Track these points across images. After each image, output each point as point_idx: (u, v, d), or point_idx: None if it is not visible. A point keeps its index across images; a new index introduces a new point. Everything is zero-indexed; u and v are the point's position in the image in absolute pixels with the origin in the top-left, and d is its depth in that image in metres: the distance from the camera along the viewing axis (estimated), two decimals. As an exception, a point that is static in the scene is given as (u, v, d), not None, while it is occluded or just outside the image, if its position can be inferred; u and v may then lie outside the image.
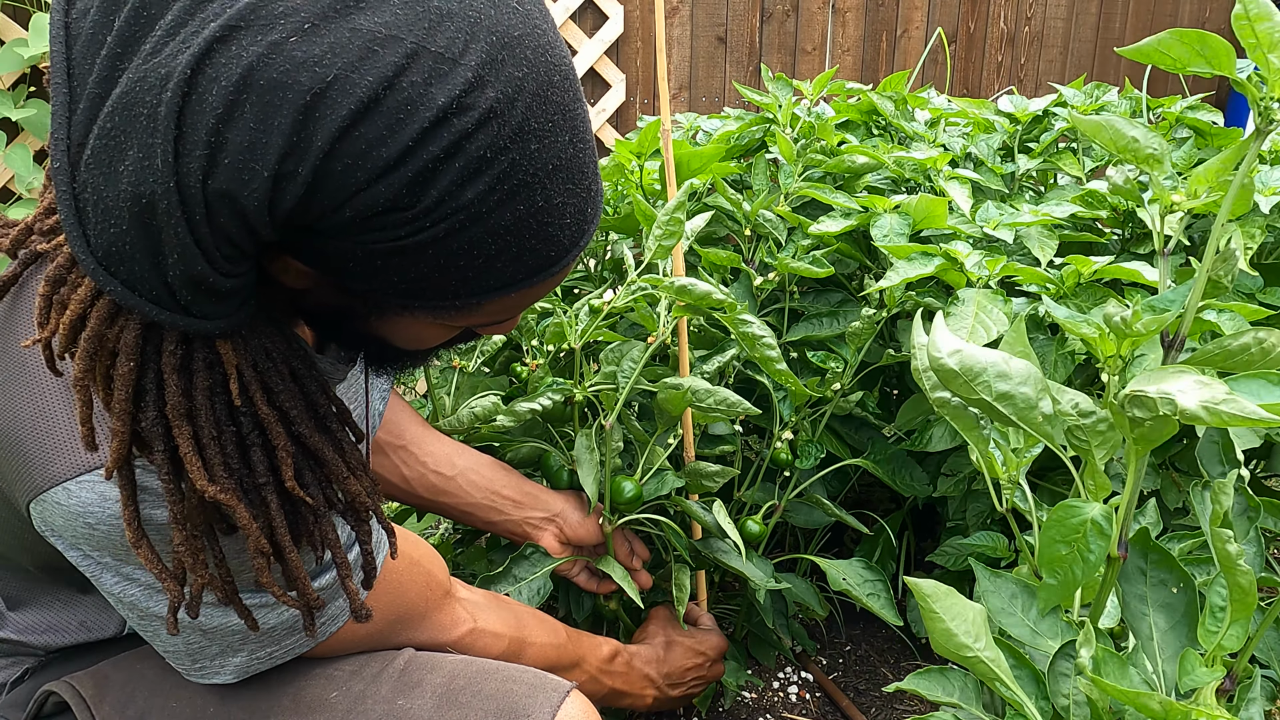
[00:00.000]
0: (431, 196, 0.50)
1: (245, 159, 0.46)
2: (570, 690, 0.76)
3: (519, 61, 0.51)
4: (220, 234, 0.48)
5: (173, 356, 0.53)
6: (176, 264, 0.48)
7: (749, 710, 1.33)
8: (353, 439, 0.65)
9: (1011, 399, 0.66)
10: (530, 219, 0.54)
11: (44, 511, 0.63)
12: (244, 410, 0.57)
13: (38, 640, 0.79)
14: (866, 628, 1.51)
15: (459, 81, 0.48)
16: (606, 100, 3.42)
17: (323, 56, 0.46)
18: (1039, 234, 1.18)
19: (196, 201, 0.47)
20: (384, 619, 0.81)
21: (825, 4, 3.58)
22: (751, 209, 1.28)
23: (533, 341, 1.25)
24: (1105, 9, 3.83)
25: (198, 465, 0.55)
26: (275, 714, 0.74)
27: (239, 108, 0.45)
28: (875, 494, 1.53)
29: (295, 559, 0.62)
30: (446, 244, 0.52)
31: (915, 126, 1.47)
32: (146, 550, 0.59)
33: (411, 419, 1.11)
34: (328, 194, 0.48)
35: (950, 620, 0.67)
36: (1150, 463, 1.06)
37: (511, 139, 0.51)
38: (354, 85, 0.46)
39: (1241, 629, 0.66)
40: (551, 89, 0.53)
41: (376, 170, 0.48)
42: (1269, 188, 1.13)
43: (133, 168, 0.46)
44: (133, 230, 0.48)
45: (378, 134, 0.47)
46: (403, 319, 0.61)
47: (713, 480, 1.16)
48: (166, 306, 0.50)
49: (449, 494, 1.10)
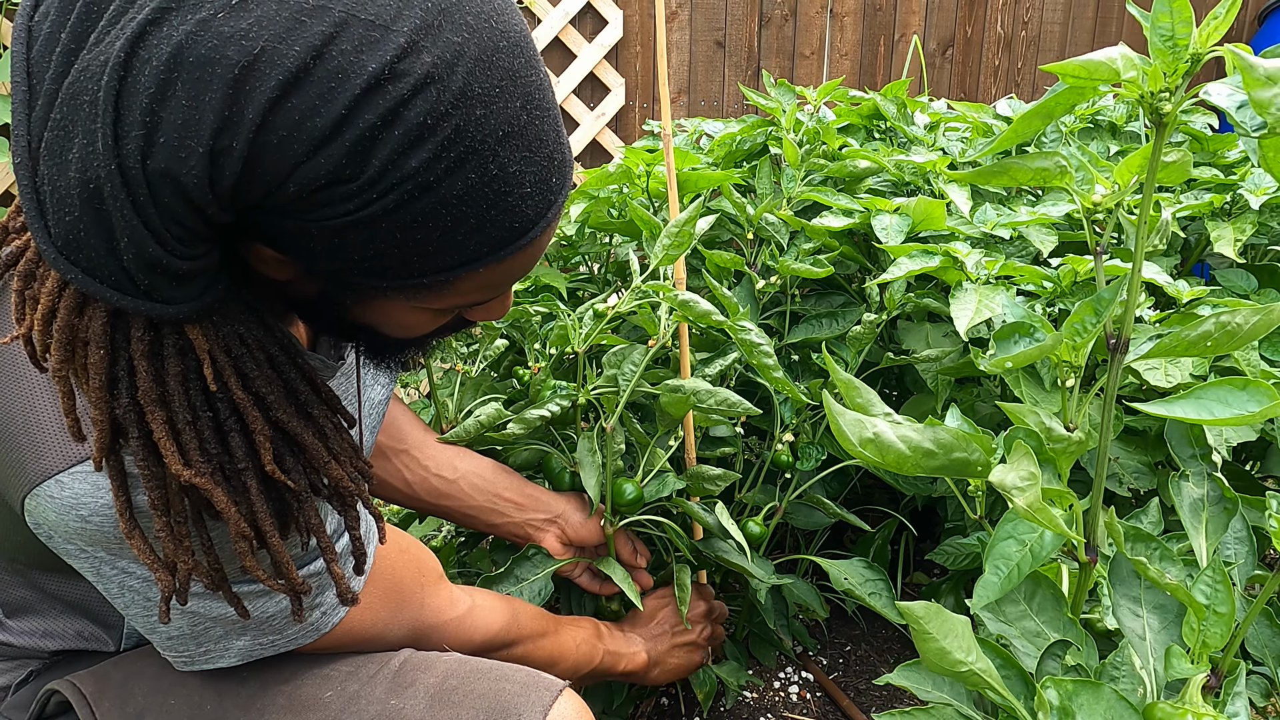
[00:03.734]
0: (374, 167, 0.49)
1: (180, 137, 0.46)
2: (563, 689, 0.76)
3: (457, 27, 0.50)
4: (167, 214, 0.48)
5: (141, 343, 0.54)
6: (129, 247, 0.49)
7: (750, 710, 1.34)
8: (338, 425, 0.64)
9: (945, 468, 0.66)
10: (484, 188, 0.53)
11: (38, 506, 0.63)
12: (220, 395, 0.57)
13: (39, 644, 0.80)
14: (867, 628, 1.52)
15: (391, 48, 0.48)
16: (606, 104, 3.44)
17: (249, 29, 0.46)
18: (1039, 231, 1.20)
19: (139, 183, 0.47)
20: (383, 605, 0.81)
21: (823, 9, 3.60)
22: (755, 213, 1.30)
23: (535, 345, 1.26)
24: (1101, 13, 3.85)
25: (173, 450, 0.56)
26: (270, 711, 0.74)
27: (170, 86, 0.46)
28: (876, 495, 1.54)
29: (278, 543, 0.62)
30: (398, 216, 0.52)
31: (915, 130, 1.48)
32: (139, 540, 0.59)
33: (413, 423, 1.12)
34: (267, 168, 0.48)
35: (944, 639, 0.67)
36: (1146, 462, 1.07)
37: (453, 104, 0.50)
38: (281, 56, 0.46)
39: (1225, 625, 0.67)
40: (497, 54, 0.52)
41: (313, 141, 0.48)
42: (1260, 188, 1.14)
43: (79, 155, 0.47)
44: (85, 216, 0.48)
45: (309, 104, 0.47)
46: (380, 302, 0.61)
47: (715, 484, 1.17)
48: (127, 292, 0.51)
49: (451, 497, 1.11)
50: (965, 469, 0.65)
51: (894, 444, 0.64)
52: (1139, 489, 1.08)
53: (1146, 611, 0.74)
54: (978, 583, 0.67)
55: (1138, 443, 1.09)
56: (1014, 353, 0.73)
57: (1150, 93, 0.63)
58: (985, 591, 0.67)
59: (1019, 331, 0.76)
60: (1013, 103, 1.61)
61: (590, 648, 1.07)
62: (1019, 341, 0.76)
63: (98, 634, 0.81)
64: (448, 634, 0.88)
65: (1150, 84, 0.63)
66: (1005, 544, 0.67)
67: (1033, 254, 1.26)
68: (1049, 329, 0.74)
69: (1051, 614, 0.76)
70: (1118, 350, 0.70)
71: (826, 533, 1.52)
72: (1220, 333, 0.66)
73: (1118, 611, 0.74)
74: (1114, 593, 0.74)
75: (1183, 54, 0.62)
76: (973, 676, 0.68)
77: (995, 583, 0.67)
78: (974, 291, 1.04)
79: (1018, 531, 0.68)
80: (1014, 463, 0.65)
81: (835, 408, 0.64)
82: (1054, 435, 0.71)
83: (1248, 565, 0.82)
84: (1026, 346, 0.75)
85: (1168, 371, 0.97)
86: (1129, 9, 0.78)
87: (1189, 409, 0.67)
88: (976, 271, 1.08)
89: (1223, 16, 0.62)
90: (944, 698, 0.75)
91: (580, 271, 1.61)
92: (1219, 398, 0.66)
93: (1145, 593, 0.75)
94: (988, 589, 0.67)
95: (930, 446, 0.64)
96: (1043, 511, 0.63)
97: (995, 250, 1.20)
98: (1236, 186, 1.20)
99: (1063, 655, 0.73)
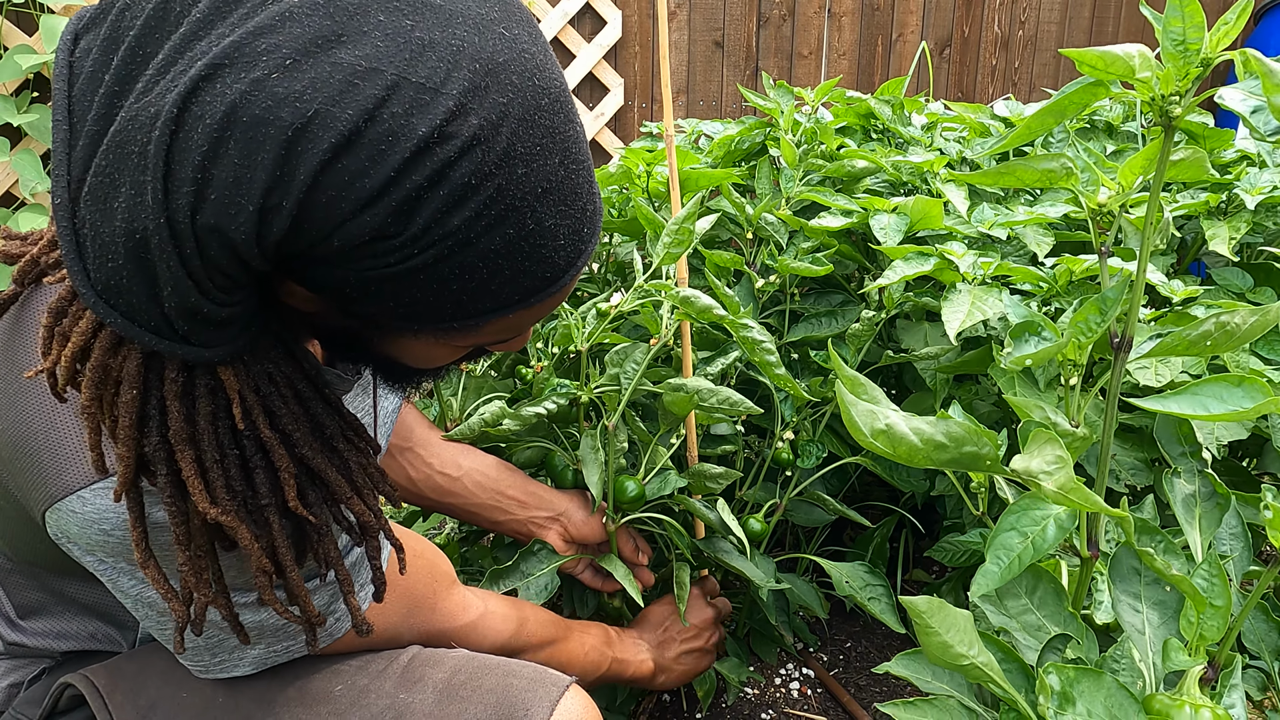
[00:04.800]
0: (418, 224, 0.50)
1: (231, 194, 0.47)
2: (570, 685, 0.77)
3: (503, 87, 0.51)
4: (212, 266, 0.49)
5: (174, 384, 0.54)
6: (171, 296, 0.49)
7: (751, 706, 1.35)
8: (362, 455, 0.65)
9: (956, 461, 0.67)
10: (521, 242, 0.54)
11: (59, 520, 0.64)
12: (247, 433, 0.58)
13: (52, 645, 0.81)
14: (867, 624, 1.53)
15: (440, 110, 0.49)
16: (605, 104, 3.45)
17: (304, 91, 0.47)
18: (1035, 231, 1.21)
19: (186, 236, 0.48)
20: (395, 609, 0.82)
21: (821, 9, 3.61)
22: (754, 212, 1.31)
23: (538, 344, 1.27)
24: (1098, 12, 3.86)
25: (200, 488, 0.56)
26: (281, 704, 0.75)
27: (223, 144, 0.46)
28: (875, 492, 1.55)
29: (297, 577, 0.63)
30: (438, 269, 0.53)
31: (912, 131, 1.49)
32: (154, 570, 0.60)
33: (418, 421, 1.13)
34: (314, 225, 0.49)
35: (946, 633, 0.68)
36: (1143, 459, 1.08)
37: (497, 165, 0.51)
38: (335, 119, 0.47)
39: (1221, 619, 0.68)
40: (539, 113, 0.53)
41: (360, 201, 0.49)
42: (1256, 188, 1.15)
43: (126, 204, 0.48)
44: (129, 265, 0.49)
45: (360, 166, 0.48)
46: (408, 339, 0.62)
47: (716, 482, 1.18)
48: (166, 336, 0.52)
49: (455, 495, 1.12)
50: (975, 463, 0.66)
51: (906, 436, 0.64)
52: (1135, 485, 1.09)
53: (1146, 607, 0.75)
54: (978, 571, 0.68)
55: (1134, 440, 1.10)
56: (1025, 351, 0.74)
57: (1161, 95, 0.64)
58: (985, 580, 0.68)
59: (1028, 330, 0.77)
60: (1009, 103, 1.63)
61: (599, 655, 1.07)
62: (1029, 340, 0.77)
63: (112, 635, 0.82)
64: (458, 639, 0.89)
65: (1162, 87, 0.64)
66: (1007, 535, 0.68)
67: (1029, 254, 1.27)
68: (1053, 328, 0.75)
69: (1052, 608, 0.77)
70: (1121, 349, 0.70)
71: (827, 529, 1.53)
72: (1220, 332, 0.67)
73: (1117, 606, 0.75)
74: (1114, 588, 0.75)
75: (1194, 58, 0.63)
76: (974, 670, 0.69)
77: (995, 572, 0.68)
78: (968, 293, 1.05)
79: (1020, 524, 0.69)
80: (1034, 450, 0.65)
81: (848, 398, 0.65)
82: (1061, 430, 0.72)
83: (1243, 560, 0.83)
84: (1036, 343, 0.76)
85: (1158, 371, 0.99)
86: (1142, 10, 0.79)
87: (1184, 405, 0.68)
88: (973, 272, 1.09)
89: (1233, 22, 0.62)
90: (944, 688, 0.75)
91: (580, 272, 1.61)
92: (1214, 394, 0.67)
93: (1145, 589, 0.76)
94: (987, 578, 0.68)
95: (942, 439, 0.65)
96: (1076, 490, 0.63)
97: (991, 250, 1.21)
98: (1232, 186, 1.21)
99: (1063, 649, 0.74)
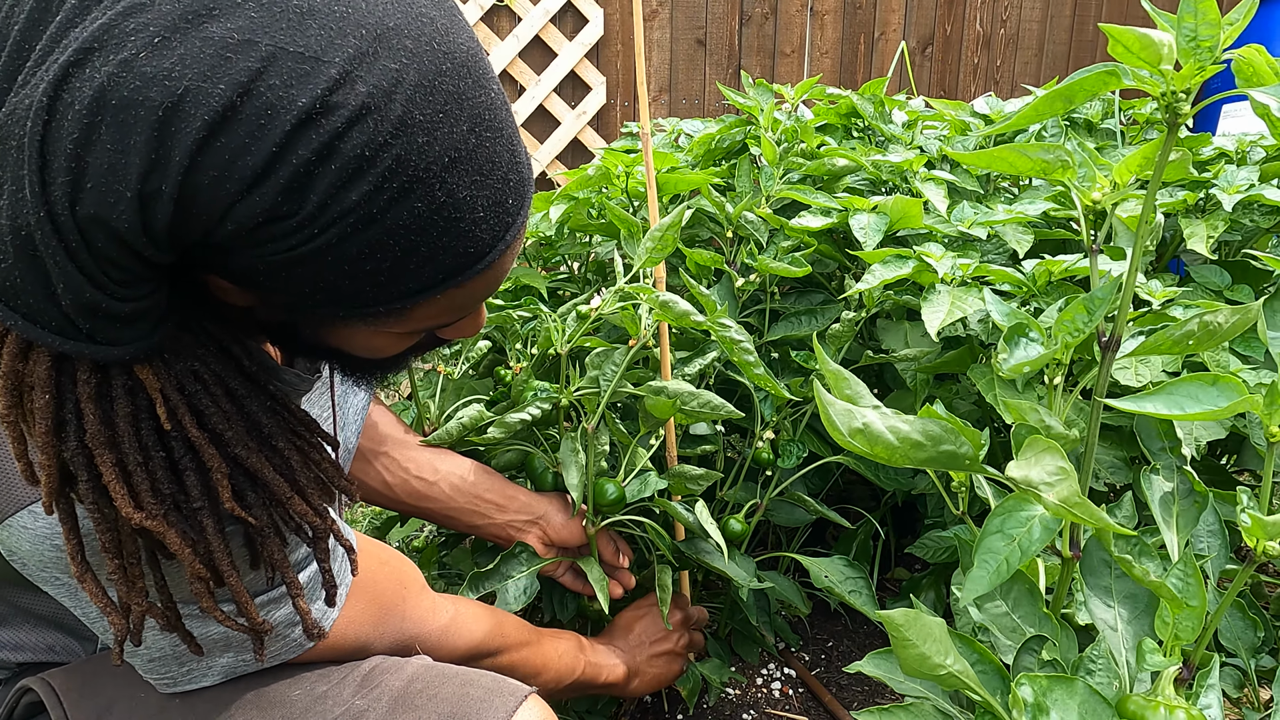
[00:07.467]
0: (312, 202, 0.48)
1: (108, 182, 0.45)
2: (529, 695, 0.76)
3: (394, 53, 0.49)
4: (101, 259, 0.47)
5: (88, 386, 0.52)
6: (66, 293, 0.47)
7: (733, 706, 1.35)
8: (308, 453, 0.63)
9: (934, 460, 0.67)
10: (433, 216, 0.52)
11: (11, 536, 0.63)
12: (174, 434, 0.55)
13: (7, 657, 0.79)
14: (848, 624, 1.53)
15: (323, 80, 0.47)
16: (587, 103, 3.44)
17: (173, 69, 0.45)
18: (1015, 230, 1.21)
19: (69, 229, 0.46)
20: (365, 618, 0.81)
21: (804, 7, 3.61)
22: (734, 211, 1.30)
23: (517, 345, 1.26)
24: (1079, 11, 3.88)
25: (123, 493, 0.54)
26: (237, 707, 0.74)
27: (95, 130, 0.45)
28: (857, 491, 1.55)
29: (236, 583, 0.61)
30: (344, 249, 0.50)
31: (893, 129, 1.49)
32: (91, 583, 0.58)
33: (393, 425, 1.12)
34: (201, 208, 0.47)
35: (923, 644, 0.67)
36: (1122, 457, 1.08)
37: (392, 134, 0.49)
38: (207, 95, 0.45)
39: (1196, 618, 0.68)
40: (440, 77, 0.50)
41: (245, 181, 0.47)
42: (1233, 186, 1.16)
43: (9, 201, 0.46)
44: (20, 263, 0.47)
45: (239, 143, 0.46)
46: (340, 328, 0.60)
47: (697, 483, 1.17)
48: (70, 336, 0.50)
49: (432, 499, 1.11)
50: (953, 462, 0.66)
51: (883, 435, 0.64)
52: (1115, 484, 1.09)
53: (1117, 602, 0.75)
54: (967, 577, 0.67)
55: (1113, 438, 1.10)
56: (1018, 355, 0.73)
57: (1171, 91, 0.63)
58: (974, 586, 0.67)
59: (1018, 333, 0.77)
60: (990, 100, 1.63)
61: (572, 659, 1.07)
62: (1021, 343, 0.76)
63: (70, 646, 0.81)
64: (431, 644, 0.88)
65: (1174, 83, 0.63)
66: (993, 539, 0.68)
67: (1009, 252, 1.27)
68: (1040, 329, 0.75)
69: (1027, 609, 0.77)
70: (1109, 349, 0.70)
71: (808, 529, 1.53)
72: (1202, 331, 0.67)
73: (1089, 603, 0.75)
74: (1085, 583, 0.75)
75: (1207, 55, 0.62)
76: (951, 679, 0.68)
77: (984, 577, 0.68)
78: (947, 293, 1.05)
79: (1005, 526, 0.69)
80: (1033, 458, 0.64)
81: (826, 397, 0.64)
82: (1053, 432, 0.71)
83: (1220, 559, 0.83)
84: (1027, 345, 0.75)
85: (1138, 371, 0.99)
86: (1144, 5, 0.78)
87: (1160, 404, 0.68)
88: (952, 274, 1.09)
89: (1239, 21, 0.62)
90: (919, 690, 0.75)
91: (560, 271, 1.61)
92: (1189, 394, 0.67)
93: (1115, 581, 0.75)
94: (976, 584, 0.68)
95: (919, 438, 0.64)
96: (1082, 506, 0.62)
97: (971, 249, 1.21)
98: (1210, 185, 1.21)
99: (1039, 650, 0.74)
